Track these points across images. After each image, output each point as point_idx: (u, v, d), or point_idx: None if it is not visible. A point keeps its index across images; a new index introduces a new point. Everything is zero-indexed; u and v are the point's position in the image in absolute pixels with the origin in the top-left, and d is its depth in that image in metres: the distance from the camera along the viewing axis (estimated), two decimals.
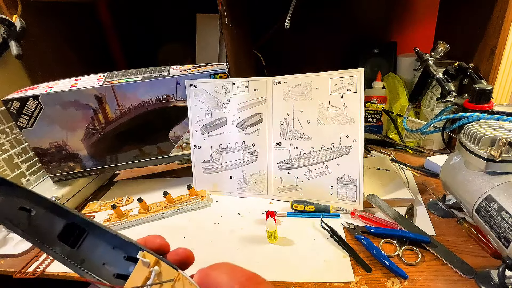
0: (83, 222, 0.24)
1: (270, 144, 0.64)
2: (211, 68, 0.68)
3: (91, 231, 0.24)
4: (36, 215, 0.23)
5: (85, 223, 0.24)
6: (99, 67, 0.75)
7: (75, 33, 0.94)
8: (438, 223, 0.54)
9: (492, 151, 0.43)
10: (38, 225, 0.23)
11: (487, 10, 0.65)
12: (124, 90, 0.65)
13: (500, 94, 0.68)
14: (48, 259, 0.54)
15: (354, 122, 0.57)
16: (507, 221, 0.39)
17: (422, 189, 0.65)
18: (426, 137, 0.79)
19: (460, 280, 0.43)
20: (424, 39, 0.92)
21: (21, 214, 0.22)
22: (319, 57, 1.00)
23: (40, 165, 0.70)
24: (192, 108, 0.68)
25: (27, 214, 0.23)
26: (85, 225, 0.24)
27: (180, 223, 0.62)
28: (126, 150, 0.71)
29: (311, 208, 0.59)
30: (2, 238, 0.61)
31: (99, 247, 0.23)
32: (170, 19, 1.05)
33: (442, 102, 0.61)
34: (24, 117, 0.62)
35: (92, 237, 0.23)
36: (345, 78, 0.57)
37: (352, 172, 0.59)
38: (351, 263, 0.48)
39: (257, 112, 0.64)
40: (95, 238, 0.23)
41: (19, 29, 0.66)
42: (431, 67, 0.65)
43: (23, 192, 0.23)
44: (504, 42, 0.62)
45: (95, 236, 0.23)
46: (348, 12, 0.95)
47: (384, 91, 0.85)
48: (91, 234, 0.24)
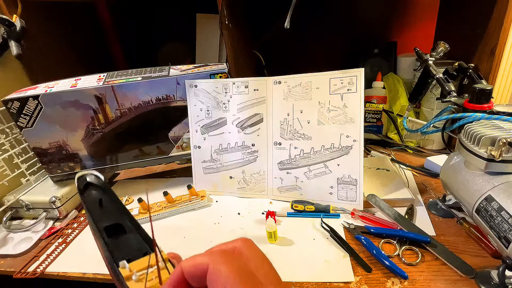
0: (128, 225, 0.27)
1: (270, 144, 0.64)
2: (211, 68, 0.68)
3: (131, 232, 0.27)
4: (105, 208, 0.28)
5: (129, 226, 0.27)
6: (99, 67, 0.75)
7: (75, 33, 0.94)
8: (438, 223, 0.54)
9: (492, 151, 0.43)
10: (103, 213, 0.28)
11: (487, 10, 0.65)
12: (124, 90, 0.65)
13: (500, 94, 0.69)
14: (48, 259, 0.54)
15: (354, 122, 0.57)
16: (507, 221, 0.39)
17: (422, 189, 0.65)
18: (426, 137, 0.79)
19: (460, 280, 0.43)
20: (424, 39, 0.92)
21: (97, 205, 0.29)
22: (319, 57, 1.00)
23: (40, 165, 0.70)
24: (192, 108, 0.68)
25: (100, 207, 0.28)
26: (127, 227, 0.27)
27: (180, 223, 0.62)
28: (126, 150, 0.71)
29: (311, 208, 0.59)
30: (2, 238, 0.61)
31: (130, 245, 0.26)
32: (170, 19, 1.05)
33: (442, 102, 0.61)
34: (24, 117, 0.62)
35: (128, 236, 0.27)
36: (345, 78, 0.57)
37: (352, 172, 0.59)
38: (351, 263, 0.48)
39: (257, 112, 0.64)
40: (131, 238, 0.26)
41: (19, 29, 0.66)
42: (431, 67, 0.65)
43: (107, 190, 0.30)
44: (504, 42, 0.62)
45: (132, 236, 0.27)
46: (348, 12, 0.95)
47: (384, 91, 0.85)
48: (129, 233, 0.27)
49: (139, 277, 0.22)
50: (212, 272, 0.19)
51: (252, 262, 0.21)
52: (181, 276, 0.20)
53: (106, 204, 0.28)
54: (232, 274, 0.19)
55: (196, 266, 0.20)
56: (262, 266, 0.21)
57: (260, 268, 0.21)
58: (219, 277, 0.19)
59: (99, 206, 0.28)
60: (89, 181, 0.29)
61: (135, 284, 0.21)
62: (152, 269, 0.22)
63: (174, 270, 0.20)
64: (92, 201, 0.28)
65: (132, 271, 0.22)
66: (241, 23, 0.75)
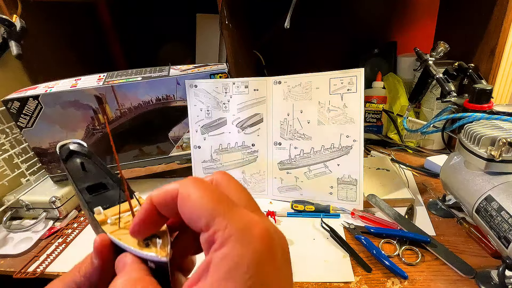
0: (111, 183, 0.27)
1: (270, 144, 0.64)
2: (211, 68, 0.68)
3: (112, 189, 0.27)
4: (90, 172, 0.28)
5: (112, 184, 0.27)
6: (99, 67, 0.75)
7: (75, 33, 0.94)
8: (438, 223, 0.54)
9: (492, 151, 0.43)
10: (86, 175, 0.28)
11: (487, 10, 0.65)
12: (124, 90, 0.65)
13: (500, 94, 0.69)
14: (48, 259, 0.55)
15: (354, 122, 0.57)
16: (507, 221, 0.39)
17: (422, 189, 0.65)
18: (426, 137, 0.79)
19: (460, 280, 0.43)
20: (424, 39, 0.92)
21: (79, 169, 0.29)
22: (319, 57, 1.00)
23: (40, 165, 0.70)
24: (192, 108, 0.68)
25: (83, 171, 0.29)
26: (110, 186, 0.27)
27: None
28: (126, 150, 0.71)
29: (311, 208, 0.59)
30: (2, 238, 0.61)
31: None
32: (170, 19, 1.05)
33: (442, 102, 0.61)
34: (24, 117, 0.62)
35: (110, 192, 0.27)
36: (345, 78, 0.57)
37: (352, 172, 0.59)
38: (351, 263, 0.48)
39: (257, 112, 0.64)
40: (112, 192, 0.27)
41: (19, 29, 0.66)
42: (431, 67, 0.65)
43: (91, 156, 0.30)
44: (504, 42, 0.62)
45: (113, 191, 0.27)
46: (348, 12, 0.95)
47: (384, 91, 0.85)
48: (111, 190, 0.27)
49: (114, 220, 0.22)
50: (182, 196, 0.18)
51: (229, 191, 0.19)
52: (151, 206, 0.19)
53: (89, 168, 0.28)
54: (202, 194, 0.17)
55: (166, 193, 0.18)
56: (240, 195, 0.19)
57: (238, 197, 0.19)
58: (188, 200, 0.17)
59: (82, 170, 0.28)
60: (72, 149, 0.29)
61: (110, 227, 0.21)
62: (129, 213, 0.22)
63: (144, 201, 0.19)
64: (75, 167, 0.28)
65: (107, 216, 0.22)
66: (241, 23, 0.75)
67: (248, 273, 0.15)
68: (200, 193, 0.17)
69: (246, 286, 0.15)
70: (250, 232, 0.16)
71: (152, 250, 0.19)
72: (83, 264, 0.20)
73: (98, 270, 0.20)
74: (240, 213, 0.17)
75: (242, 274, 0.15)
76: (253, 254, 0.15)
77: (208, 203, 0.17)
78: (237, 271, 0.15)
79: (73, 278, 0.20)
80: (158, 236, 0.20)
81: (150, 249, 0.19)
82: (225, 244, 0.16)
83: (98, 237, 0.20)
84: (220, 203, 0.17)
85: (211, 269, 0.15)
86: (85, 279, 0.20)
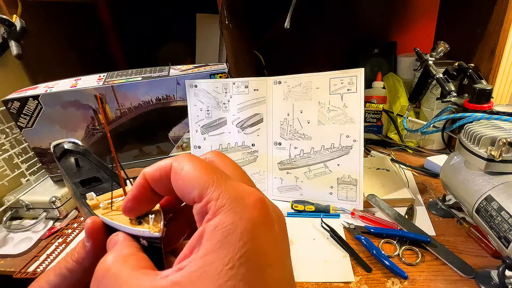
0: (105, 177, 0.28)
1: (270, 144, 0.64)
2: (211, 68, 0.68)
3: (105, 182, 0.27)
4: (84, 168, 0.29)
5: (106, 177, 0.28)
6: (99, 67, 0.75)
7: (75, 33, 0.94)
8: (438, 223, 0.54)
9: (492, 151, 0.43)
10: (80, 171, 0.29)
11: (487, 10, 0.65)
12: (124, 90, 0.65)
13: (500, 94, 0.68)
14: (48, 259, 0.55)
15: (354, 122, 0.57)
16: (507, 221, 0.39)
17: (422, 189, 0.65)
18: (426, 137, 0.79)
19: (460, 280, 0.43)
20: (424, 39, 0.92)
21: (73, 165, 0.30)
22: (319, 57, 1.00)
23: (40, 165, 0.70)
24: (192, 108, 0.68)
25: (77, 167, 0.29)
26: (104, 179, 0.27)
27: None
28: (126, 150, 0.71)
29: (311, 208, 0.59)
30: (2, 238, 0.61)
31: None
32: (170, 19, 1.05)
33: (442, 102, 0.61)
34: (24, 117, 0.62)
35: (104, 184, 0.27)
36: (345, 78, 0.57)
37: (352, 172, 0.59)
38: (351, 263, 0.48)
39: (257, 112, 0.64)
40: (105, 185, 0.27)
41: (19, 29, 0.66)
42: (431, 67, 0.65)
43: (85, 153, 0.30)
44: (504, 42, 0.62)
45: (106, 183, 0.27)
46: (348, 12, 0.95)
47: (384, 91, 0.85)
48: (105, 182, 0.27)
49: (106, 205, 0.21)
50: (175, 169, 0.17)
51: (224, 167, 0.19)
52: (144, 181, 0.18)
53: (84, 165, 0.29)
54: (195, 166, 0.17)
55: (159, 168, 0.18)
56: (235, 171, 0.19)
57: (232, 173, 0.19)
58: (181, 172, 0.17)
59: (76, 166, 0.28)
60: (67, 148, 0.30)
61: (102, 210, 0.21)
62: (122, 198, 0.22)
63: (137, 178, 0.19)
64: (69, 164, 0.29)
65: (99, 200, 0.22)
66: (241, 23, 0.75)
67: (242, 240, 0.14)
68: (193, 165, 0.17)
69: (240, 254, 0.14)
70: (243, 200, 0.16)
71: (144, 226, 0.18)
72: (75, 250, 0.20)
73: (91, 254, 0.19)
74: (233, 184, 0.16)
75: (236, 242, 0.14)
76: (247, 222, 0.15)
77: (201, 174, 0.16)
78: (230, 239, 0.14)
79: (65, 264, 0.20)
80: (151, 214, 0.19)
81: (142, 226, 0.18)
82: (218, 213, 0.15)
83: (89, 219, 0.20)
84: (213, 174, 0.16)
85: (204, 239, 0.15)
86: (77, 265, 0.19)
